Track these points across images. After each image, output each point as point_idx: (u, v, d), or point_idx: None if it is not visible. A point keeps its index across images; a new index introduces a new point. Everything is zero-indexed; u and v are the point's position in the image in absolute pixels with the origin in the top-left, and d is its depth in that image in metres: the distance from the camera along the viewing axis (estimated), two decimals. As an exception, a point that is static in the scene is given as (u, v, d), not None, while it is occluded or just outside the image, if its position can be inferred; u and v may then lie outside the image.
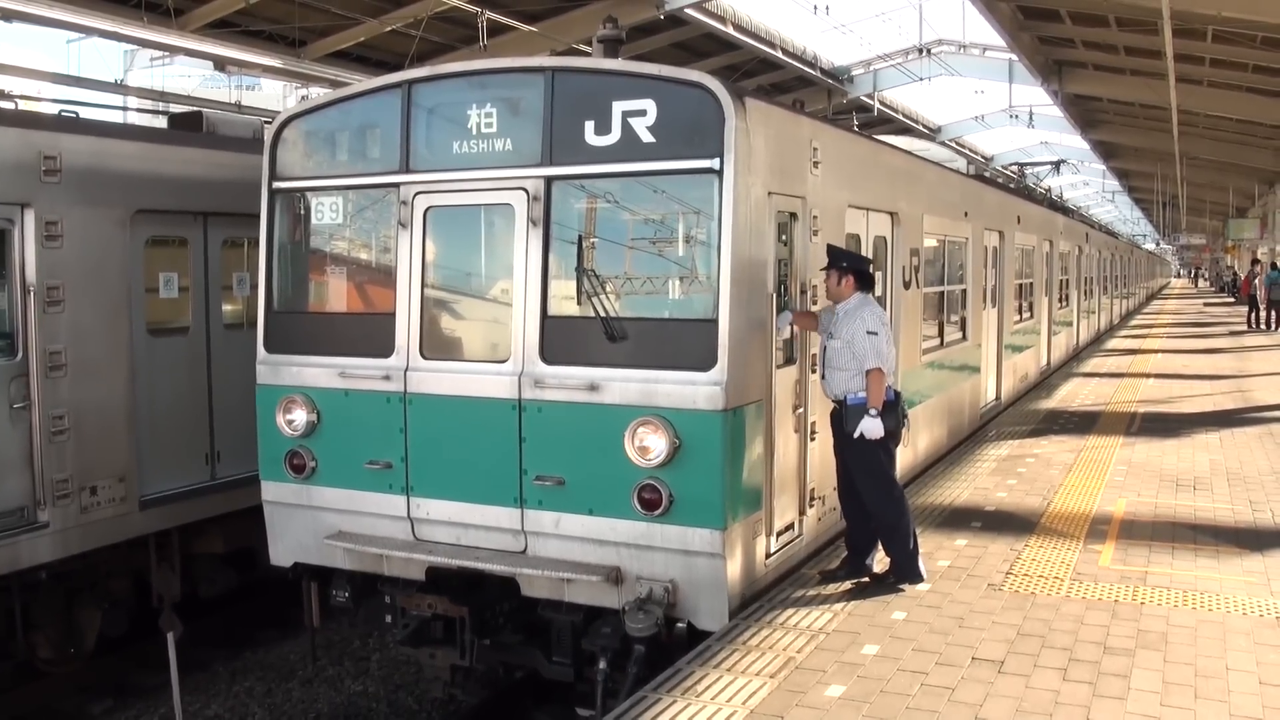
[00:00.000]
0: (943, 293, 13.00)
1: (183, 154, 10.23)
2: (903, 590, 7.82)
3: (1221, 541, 9.15)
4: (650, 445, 6.98)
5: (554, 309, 7.45)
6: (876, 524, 7.98)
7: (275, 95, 45.10)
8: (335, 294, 8.66)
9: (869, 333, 7.64)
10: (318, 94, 12.11)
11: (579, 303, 7.41)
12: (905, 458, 11.02)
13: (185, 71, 45.33)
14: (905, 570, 7.96)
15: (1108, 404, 17.65)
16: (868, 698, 6.00)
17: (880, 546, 8.10)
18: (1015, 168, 32.07)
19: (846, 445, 7.87)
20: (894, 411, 7.74)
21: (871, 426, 7.64)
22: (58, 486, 8.94)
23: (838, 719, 5.75)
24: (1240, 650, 6.69)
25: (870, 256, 9.42)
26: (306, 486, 8.21)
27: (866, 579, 8.02)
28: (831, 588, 7.87)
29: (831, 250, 8.11)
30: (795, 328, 8.12)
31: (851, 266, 7.95)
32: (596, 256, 7.53)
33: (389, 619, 8.18)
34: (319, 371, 8.13)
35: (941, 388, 12.76)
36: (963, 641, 6.84)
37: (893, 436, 7.81)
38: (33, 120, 9.43)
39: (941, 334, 12.98)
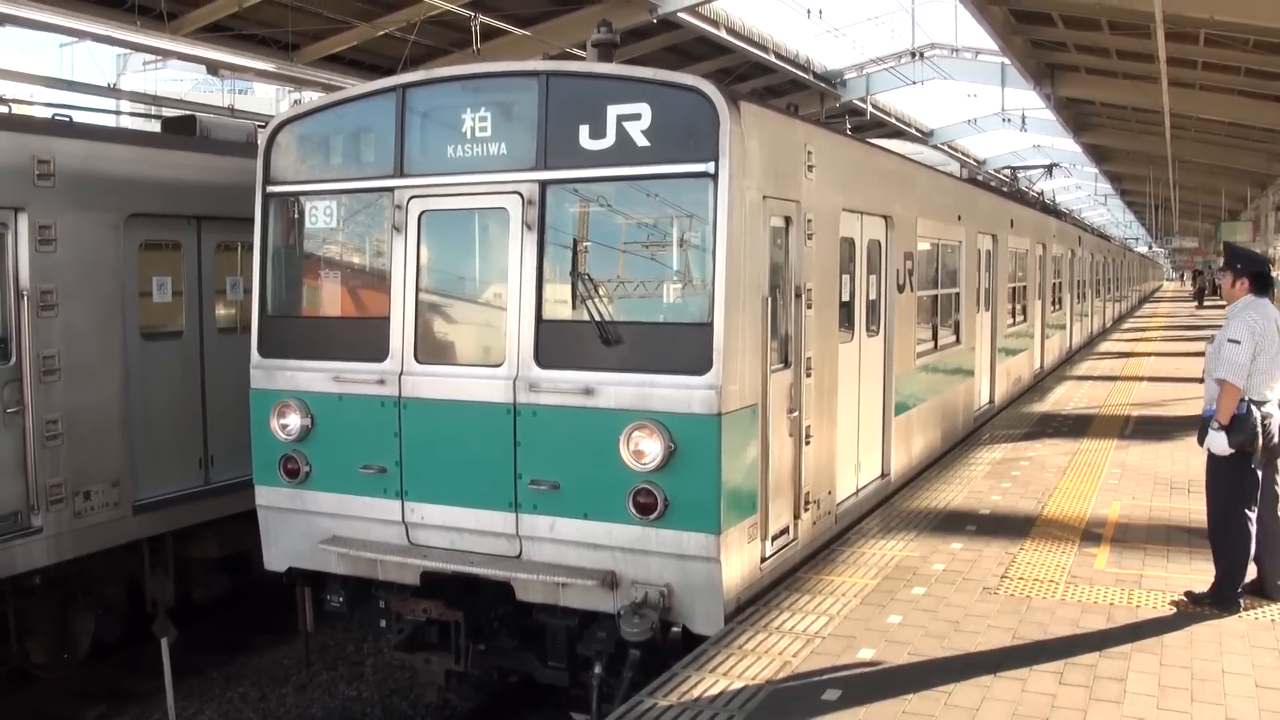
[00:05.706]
0: (937, 296, 13.01)
1: (176, 158, 10.21)
2: (1215, 613, 7.39)
3: (1216, 544, 9.15)
4: (645, 449, 6.96)
5: (548, 313, 7.44)
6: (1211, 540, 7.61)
7: (268, 99, 45.04)
8: (329, 298, 8.65)
9: (1230, 340, 7.22)
10: (311, 98, 12.09)
11: (574, 306, 7.40)
12: (899, 462, 11.05)
13: (178, 75, 45.39)
14: (1219, 596, 7.49)
15: (1101, 407, 17.67)
16: (864, 702, 6.00)
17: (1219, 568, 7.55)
18: (1008, 171, 32.12)
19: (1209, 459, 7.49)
20: (1243, 426, 7.15)
21: (1216, 441, 7.23)
22: (51, 491, 8.91)
23: (834, 723, 5.74)
24: (1236, 653, 6.71)
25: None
26: (301, 491, 8.20)
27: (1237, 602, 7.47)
28: (826, 592, 7.87)
29: (1228, 248, 7.75)
30: None
31: (1246, 268, 7.55)
32: (591, 260, 7.52)
33: (383, 624, 8.17)
34: (313, 376, 8.11)
35: (936, 391, 12.77)
36: (959, 645, 6.84)
37: (1245, 455, 7.23)
38: (26, 124, 9.41)
39: (935, 337, 12.99)
